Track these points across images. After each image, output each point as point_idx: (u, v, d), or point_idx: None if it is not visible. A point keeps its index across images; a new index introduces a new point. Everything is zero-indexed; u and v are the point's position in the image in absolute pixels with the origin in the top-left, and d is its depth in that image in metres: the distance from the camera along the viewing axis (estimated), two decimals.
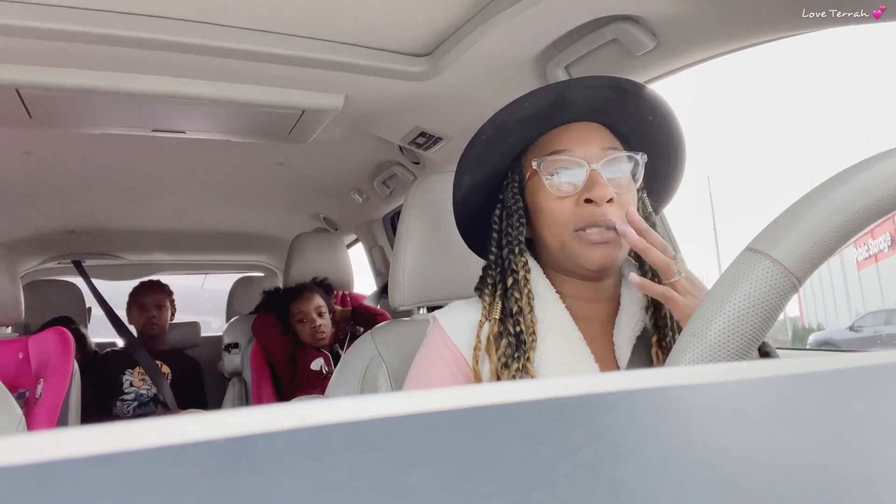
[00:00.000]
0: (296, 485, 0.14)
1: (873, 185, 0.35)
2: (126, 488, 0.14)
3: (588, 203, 0.69)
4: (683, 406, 0.21)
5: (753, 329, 0.34)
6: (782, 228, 0.36)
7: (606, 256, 0.69)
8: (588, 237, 0.69)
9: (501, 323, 0.72)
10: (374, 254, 2.54)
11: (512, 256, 0.74)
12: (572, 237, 0.70)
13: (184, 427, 0.16)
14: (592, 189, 0.69)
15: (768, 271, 0.35)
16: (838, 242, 0.35)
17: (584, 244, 0.69)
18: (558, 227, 0.71)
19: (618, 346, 0.73)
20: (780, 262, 0.35)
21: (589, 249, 0.69)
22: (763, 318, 0.34)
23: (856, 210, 0.35)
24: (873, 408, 0.23)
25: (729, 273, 0.36)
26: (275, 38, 1.13)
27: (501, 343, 0.71)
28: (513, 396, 0.19)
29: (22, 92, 1.20)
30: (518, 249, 0.74)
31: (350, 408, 0.18)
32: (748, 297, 0.34)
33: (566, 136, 0.74)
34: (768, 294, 0.34)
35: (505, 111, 0.74)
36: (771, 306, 0.34)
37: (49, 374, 1.53)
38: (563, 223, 0.71)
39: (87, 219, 2.52)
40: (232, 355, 2.07)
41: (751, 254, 0.36)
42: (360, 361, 0.95)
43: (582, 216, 0.69)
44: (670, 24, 0.98)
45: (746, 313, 0.34)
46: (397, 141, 1.66)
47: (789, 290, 0.35)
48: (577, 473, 0.16)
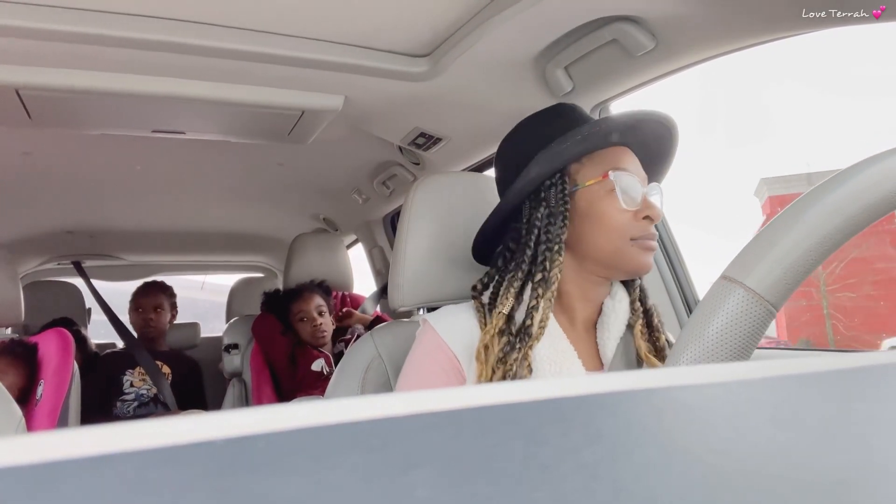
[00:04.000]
0: (296, 486, 0.14)
1: (842, 205, 0.35)
2: (126, 489, 0.14)
3: (645, 219, 0.79)
4: (683, 406, 0.21)
5: (732, 357, 0.35)
6: (754, 256, 0.36)
7: (651, 261, 0.81)
8: (645, 244, 0.79)
9: (506, 320, 0.77)
10: (373, 254, 2.54)
11: (549, 254, 0.78)
12: (629, 244, 0.79)
13: (184, 428, 0.16)
14: (652, 209, 0.79)
15: (743, 300, 0.35)
16: (812, 265, 0.35)
17: (640, 250, 0.79)
18: (617, 234, 0.79)
19: (602, 346, 0.81)
20: (754, 290, 0.35)
21: (642, 255, 0.79)
22: (741, 346, 0.35)
23: (827, 231, 0.35)
24: (873, 408, 0.23)
25: (705, 302, 0.37)
26: (274, 38, 1.13)
27: (501, 339, 0.75)
28: (513, 396, 0.19)
29: (22, 93, 1.20)
30: (557, 248, 0.79)
31: (350, 408, 0.18)
32: (724, 326, 0.35)
33: (625, 157, 0.82)
34: (744, 322, 0.35)
35: (601, 121, 0.80)
36: (748, 334, 0.35)
37: (49, 374, 1.54)
38: (623, 231, 0.79)
39: (87, 220, 2.52)
40: (232, 356, 2.07)
41: (725, 282, 0.36)
42: (361, 362, 0.95)
43: (641, 228, 0.79)
44: (670, 24, 0.98)
45: (724, 342, 0.35)
46: (397, 141, 1.66)
47: (766, 316, 0.35)
48: (577, 474, 0.16)
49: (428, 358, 0.79)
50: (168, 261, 3.25)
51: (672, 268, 1.38)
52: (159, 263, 3.22)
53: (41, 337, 1.66)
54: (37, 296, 2.41)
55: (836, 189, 0.36)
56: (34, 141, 1.64)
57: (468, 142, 1.57)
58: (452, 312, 0.83)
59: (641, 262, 0.79)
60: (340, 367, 0.98)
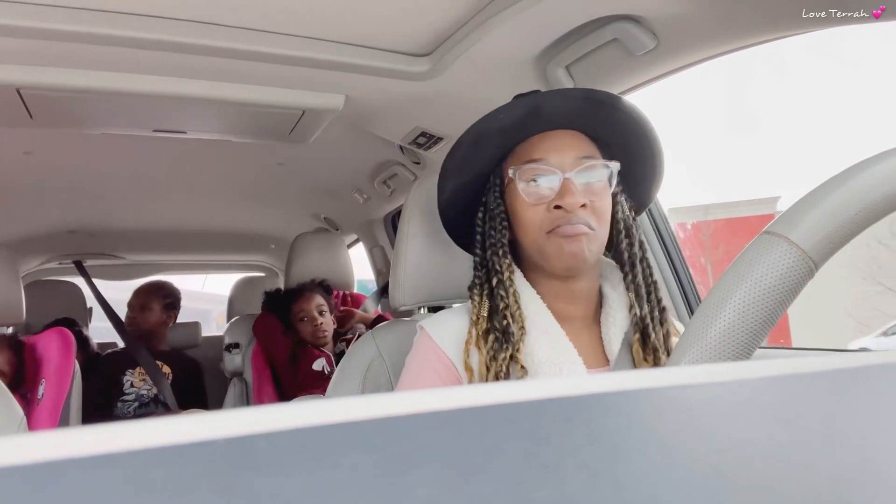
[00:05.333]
0: (297, 485, 0.14)
1: (892, 175, 0.35)
2: (127, 488, 0.14)
3: (558, 209, 0.73)
4: (683, 406, 0.21)
5: (768, 311, 0.34)
6: (801, 213, 0.35)
7: (578, 250, 0.72)
8: (560, 231, 0.73)
9: (489, 320, 0.75)
10: (374, 254, 2.54)
11: (496, 258, 0.77)
12: (546, 239, 0.74)
13: (184, 427, 0.16)
14: (564, 197, 0.73)
15: (785, 253, 0.34)
16: (856, 229, 0.35)
17: (557, 241, 0.73)
18: (533, 232, 0.75)
19: (607, 342, 0.77)
20: (798, 245, 0.34)
21: (562, 246, 0.73)
22: (778, 300, 0.34)
23: (874, 198, 0.35)
24: (873, 408, 0.23)
25: (745, 255, 0.35)
26: (275, 38, 1.13)
27: (489, 339, 0.74)
28: (513, 396, 0.19)
29: (23, 92, 1.20)
30: (501, 251, 0.77)
31: (350, 408, 0.18)
32: (764, 278, 0.34)
33: (542, 144, 0.77)
34: (785, 276, 0.34)
35: (482, 122, 0.78)
36: (787, 289, 0.34)
37: (51, 374, 1.54)
38: (537, 227, 0.75)
39: (88, 219, 2.52)
40: (233, 355, 2.07)
41: (768, 236, 0.35)
42: (361, 361, 0.95)
43: (551, 219, 0.73)
44: (670, 23, 0.98)
45: (762, 297, 0.34)
46: (398, 141, 1.66)
47: (806, 274, 0.34)
48: (577, 473, 0.16)
49: (425, 364, 0.78)
50: (169, 260, 3.25)
51: (672, 268, 1.38)
52: (160, 263, 3.23)
53: (42, 336, 1.66)
54: (38, 295, 2.41)
55: (888, 159, 0.36)
56: (36, 140, 1.64)
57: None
58: (448, 317, 0.81)
59: (563, 251, 0.72)
60: (341, 366, 0.98)
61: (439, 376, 0.77)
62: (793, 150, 24.75)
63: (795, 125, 25.73)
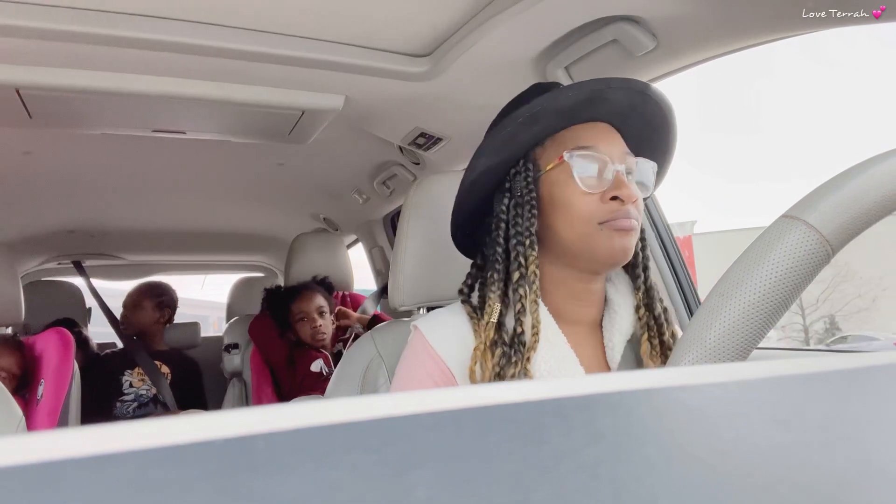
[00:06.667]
0: (296, 485, 0.14)
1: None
2: (126, 489, 0.14)
3: (613, 200, 0.69)
4: (683, 406, 0.21)
5: (785, 295, 0.33)
6: (821, 197, 0.35)
7: (629, 244, 0.70)
8: (615, 225, 0.69)
9: (497, 329, 0.70)
10: (374, 254, 2.54)
11: (521, 248, 0.71)
12: (597, 230, 0.69)
13: (183, 428, 0.16)
14: (621, 188, 0.69)
15: (804, 236, 0.34)
16: (875, 217, 0.35)
17: (609, 234, 0.69)
18: (582, 221, 0.70)
19: (610, 348, 0.74)
20: (817, 229, 0.34)
21: (614, 238, 0.69)
22: (795, 284, 0.33)
23: (894, 189, 0.35)
24: (873, 408, 0.23)
25: (763, 237, 0.35)
26: (275, 38, 1.13)
27: (496, 352, 0.69)
28: (513, 396, 0.19)
29: (22, 92, 1.20)
30: (528, 241, 0.71)
31: (350, 408, 0.18)
32: (782, 261, 0.33)
33: (593, 133, 0.73)
34: (802, 260, 0.33)
35: (545, 99, 0.71)
36: (804, 273, 0.34)
37: (50, 374, 1.54)
38: (588, 217, 0.70)
39: (88, 219, 2.52)
40: (232, 356, 2.07)
41: (786, 220, 0.35)
42: (361, 362, 0.95)
43: (608, 210, 0.69)
44: (670, 24, 0.98)
45: (779, 280, 0.33)
46: (397, 141, 1.66)
47: (824, 259, 0.34)
48: (577, 473, 0.16)
49: (417, 364, 0.75)
50: (168, 260, 3.25)
51: (672, 266, 1.38)
52: (160, 263, 3.23)
53: (41, 336, 1.66)
54: (37, 295, 2.41)
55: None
56: (35, 140, 1.64)
57: (468, 142, 1.57)
58: (444, 317, 0.77)
59: (614, 245, 0.69)
60: (340, 367, 0.98)
61: (430, 377, 0.73)
62: (709, 176, 25.20)
63: None
